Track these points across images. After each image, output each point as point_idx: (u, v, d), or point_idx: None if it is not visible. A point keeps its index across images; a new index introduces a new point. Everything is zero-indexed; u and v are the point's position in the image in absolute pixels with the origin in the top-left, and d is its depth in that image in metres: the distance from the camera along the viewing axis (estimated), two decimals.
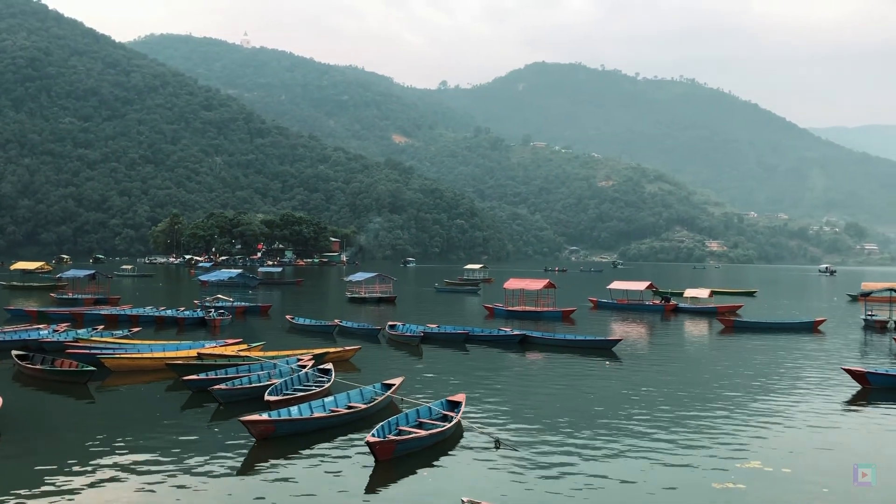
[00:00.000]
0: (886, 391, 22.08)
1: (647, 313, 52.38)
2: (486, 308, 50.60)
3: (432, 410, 17.11)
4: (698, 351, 34.25)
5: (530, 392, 21.96)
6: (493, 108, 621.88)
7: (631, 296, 58.40)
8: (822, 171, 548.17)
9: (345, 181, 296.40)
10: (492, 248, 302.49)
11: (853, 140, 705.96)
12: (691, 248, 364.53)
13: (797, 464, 14.40)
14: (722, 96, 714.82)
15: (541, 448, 15.24)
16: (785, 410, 19.55)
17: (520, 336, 33.12)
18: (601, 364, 27.55)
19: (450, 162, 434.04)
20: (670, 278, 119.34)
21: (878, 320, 43.70)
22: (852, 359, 29.43)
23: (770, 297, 77.96)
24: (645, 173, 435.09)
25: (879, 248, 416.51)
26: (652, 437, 16.34)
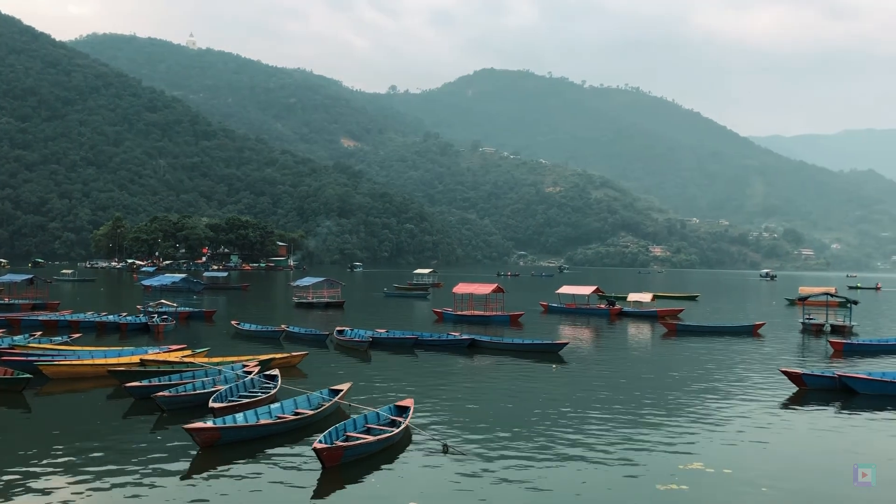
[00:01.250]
0: (822, 392, 22.81)
1: (594, 317, 53.23)
2: (436, 312, 50.65)
3: (380, 416, 17.08)
4: (642, 354, 34.86)
5: (479, 396, 22.06)
6: (443, 113, 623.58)
7: (578, 300, 59.24)
8: (762, 178, 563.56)
9: (292, 185, 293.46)
10: (441, 252, 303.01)
11: (790, 149, 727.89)
12: (636, 253, 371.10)
13: (738, 464, 14.78)
14: (665, 105, 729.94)
15: (489, 452, 15.34)
16: (725, 412, 20.06)
17: (469, 340, 33.26)
18: (548, 367, 27.85)
19: (399, 166, 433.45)
20: (616, 283, 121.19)
21: (814, 324, 45.09)
22: (790, 361, 30.31)
23: (711, 302, 79.80)
24: (591, 180, 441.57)
25: (815, 253, 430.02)
26: (598, 438, 16.60)
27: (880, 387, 22.65)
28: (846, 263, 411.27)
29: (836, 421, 19.48)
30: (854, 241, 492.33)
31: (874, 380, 23.09)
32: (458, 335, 34.65)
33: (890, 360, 31.18)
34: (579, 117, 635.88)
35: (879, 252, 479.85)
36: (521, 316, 48.43)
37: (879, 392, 22.35)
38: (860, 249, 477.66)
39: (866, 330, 45.20)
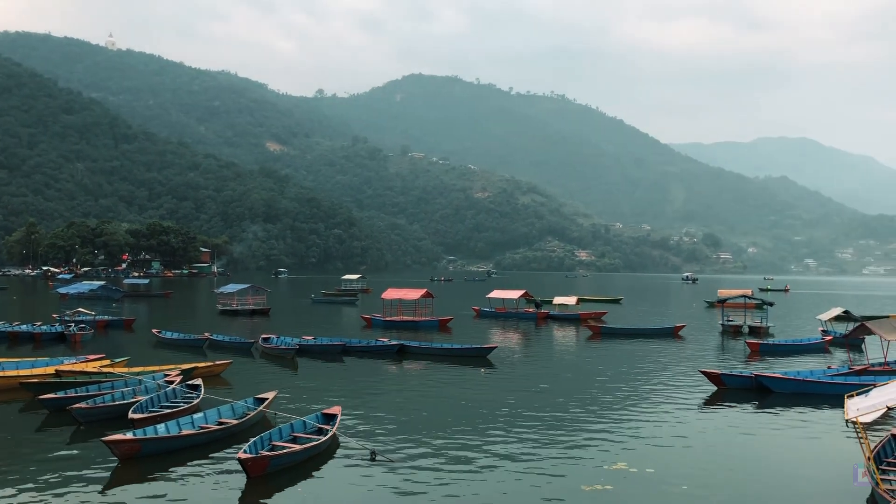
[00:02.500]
0: (739, 391, 23.66)
1: (523, 321, 53.91)
2: (364, 318, 50.41)
3: (307, 424, 16.90)
4: (568, 356, 35.48)
5: (407, 402, 22.05)
6: (371, 117, 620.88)
7: (508, 304, 59.92)
8: (682, 184, 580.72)
9: (216, 189, 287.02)
10: (370, 257, 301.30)
11: (709, 155, 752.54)
12: (562, 257, 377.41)
13: (660, 463, 15.19)
14: (590, 112, 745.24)
15: (417, 458, 15.35)
16: (648, 412, 20.61)
17: (397, 346, 33.21)
18: (477, 372, 28.05)
19: (327, 171, 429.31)
20: (544, 286, 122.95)
21: (733, 325, 46.76)
22: (709, 362, 31.32)
23: (635, 304, 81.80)
24: (519, 185, 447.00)
25: (733, 256, 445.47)
26: (526, 441, 16.81)
27: (794, 385, 23.65)
28: (762, 267, 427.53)
29: (753, 419, 20.22)
30: (769, 245, 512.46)
31: (788, 379, 24.11)
32: (386, 341, 34.55)
33: (803, 359, 32.57)
34: (507, 123, 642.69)
35: (793, 255, 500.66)
36: (450, 321, 48.62)
37: (793, 391, 23.32)
38: (775, 253, 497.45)
39: (782, 330, 47.08)
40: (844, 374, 25.75)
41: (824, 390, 23.15)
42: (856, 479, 13.27)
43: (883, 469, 13.92)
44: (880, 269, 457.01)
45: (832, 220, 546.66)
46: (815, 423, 19.52)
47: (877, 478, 12.47)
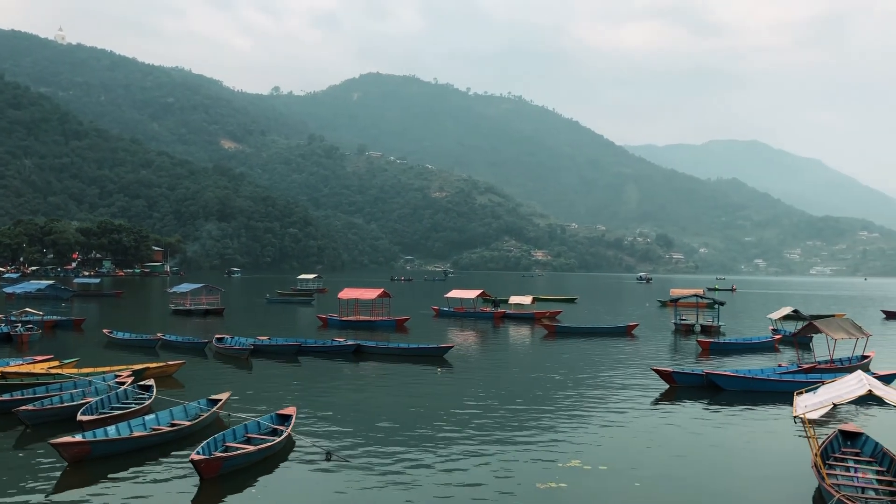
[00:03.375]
0: (690, 389, 24.09)
1: (480, 320, 54.15)
2: (320, 318, 50.05)
3: (261, 425, 16.74)
4: (523, 355, 35.72)
5: (363, 402, 21.97)
6: (328, 116, 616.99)
7: (466, 304, 60.14)
8: (636, 185, 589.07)
9: (169, 187, 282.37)
10: (326, 257, 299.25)
11: (662, 157, 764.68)
12: (519, 257, 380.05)
13: (613, 460, 15.38)
14: (546, 113, 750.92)
15: (373, 458, 15.31)
16: (601, 409, 20.86)
17: (353, 346, 33.05)
18: (433, 371, 28.06)
19: (283, 169, 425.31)
20: (501, 286, 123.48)
21: (685, 324, 47.59)
22: (662, 360, 31.81)
23: (589, 304, 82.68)
24: (476, 185, 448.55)
25: (685, 257, 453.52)
26: (481, 440, 16.88)
27: (743, 383, 24.17)
28: (713, 267, 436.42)
29: (704, 416, 20.59)
30: (720, 246, 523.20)
31: (737, 377, 24.63)
32: (342, 341, 34.35)
33: (754, 357, 33.28)
34: (464, 124, 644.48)
35: (743, 256, 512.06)
36: (406, 321, 48.56)
37: (742, 388, 23.82)
38: (725, 253, 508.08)
39: (733, 329, 48.04)
40: (793, 371, 26.34)
41: (773, 388, 23.70)
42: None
43: (829, 464, 14.32)
44: (827, 269, 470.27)
45: (781, 222, 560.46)
46: (765, 420, 19.95)
47: (822, 473, 12.81)
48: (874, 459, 14.73)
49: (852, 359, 29.11)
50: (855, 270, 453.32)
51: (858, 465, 14.48)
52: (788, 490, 13.66)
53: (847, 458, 14.93)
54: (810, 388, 15.53)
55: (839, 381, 14.73)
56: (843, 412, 19.81)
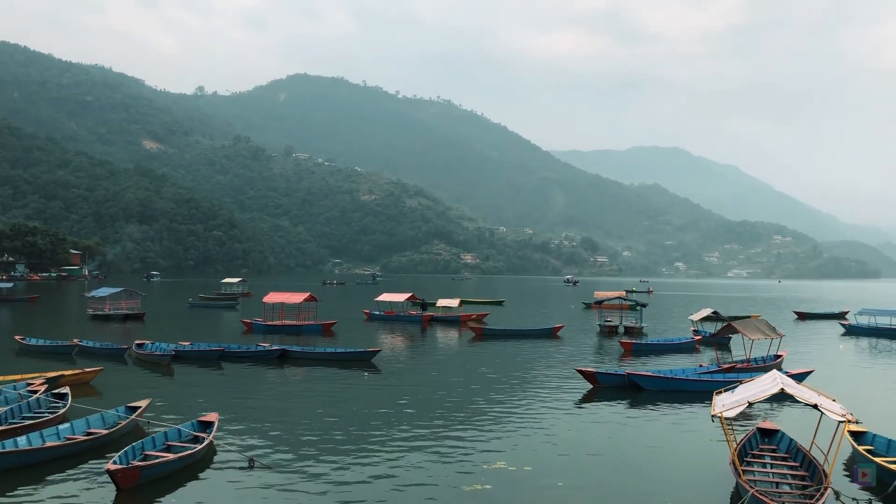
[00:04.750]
0: (613, 389, 24.62)
1: (409, 324, 54.06)
2: (245, 323, 49.06)
3: (182, 432, 16.32)
4: (450, 358, 35.84)
5: (288, 408, 21.66)
6: (254, 117, 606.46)
7: (395, 307, 60.01)
8: (562, 190, 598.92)
9: (88, 188, 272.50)
10: (252, 260, 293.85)
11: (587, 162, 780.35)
12: (448, 260, 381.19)
13: (537, 461, 15.58)
14: (475, 118, 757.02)
15: (297, 464, 15.12)
16: (526, 411, 21.12)
17: (279, 351, 32.55)
18: (360, 375, 27.90)
19: (207, 171, 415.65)
20: (430, 289, 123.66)
21: (609, 325, 48.67)
22: (585, 361, 32.40)
23: (517, 306, 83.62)
24: (406, 188, 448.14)
25: (609, 260, 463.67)
26: (407, 444, 16.86)
27: (664, 383, 24.83)
28: (636, 269, 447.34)
29: (626, 416, 21.07)
30: (642, 249, 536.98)
31: (657, 377, 25.30)
32: (267, 346, 33.79)
33: (675, 358, 34.22)
34: (394, 127, 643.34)
35: (664, 259, 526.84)
36: (334, 324, 48.10)
37: (662, 388, 24.47)
38: (648, 256, 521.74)
39: (656, 331, 49.32)
40: (713, 371, 27.21)
41: (693, 387, 24.41)
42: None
43: (747, 461, 14.85)
44: (743, 271, 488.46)
45: (700, 226, 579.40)
46: (685, 419, 20.52)
47: (739, 469, 13.25)
48: (789, 455, 15.34)
49: (766, 358, 30.25)
50: (769, 273, 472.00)
51: (774, 462, 15.05)
52: (708, 487, 14.07)
53: (764, 455, 15.50)
54: (728, 388, 16.04)
55: (755, 380, 15.26)
56: (768, 410, 20.55)
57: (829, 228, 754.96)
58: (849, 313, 63.96)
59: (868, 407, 21.28)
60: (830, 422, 12.99)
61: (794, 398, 13.05)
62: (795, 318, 65.97)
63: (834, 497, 12.82)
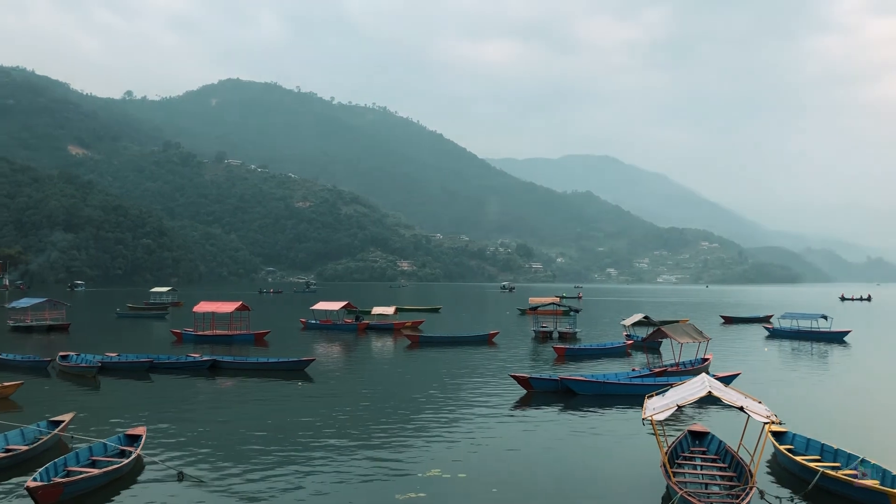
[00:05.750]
0: (547, 394, 24.89)
1: (344, 332, 53.66)
2: (174, 333, 47.92)
3: (108, 446, 15.81)
4: (385, 366, 35.70)
5: (219, 419, 21.21)
6: (185, 122, 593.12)
7: (331, 316, 59.50)
8: (498, 197, 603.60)
9: (9, 195, 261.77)
10: (182, 269, 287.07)
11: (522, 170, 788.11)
12: (384, 267, 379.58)
13: (471, 468, 15.63)
14: (411, 125, 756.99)
15: (228, 477, 14.81)
16: (461, 417, 21.18)
17: (209, 361, 31.86)
18: (293, 385, 27.53)
19: (136, 177, 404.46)
20: (367, 297, 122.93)
21: (543, 331, 49.22)
22: (520, 366, 32.67)
23: (453, 313, 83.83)
24: (341, 195, 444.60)
25: (544, 266, 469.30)
26: (341, 453, 16.71)
27: (596, 387, 25.22)
28: (569, 275, 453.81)
29: (559, 420, 21.32)
30: (575, 255, 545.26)
31: (590, 381, 25.68)
32: (198, 356, 33.06)
33: (606, 362, 34.80)
34: (329, 133, 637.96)
35: (596, 265, 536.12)
36: (266, 334, 47.36)
37: (596, 392, 24.85)
38: (580, 263, 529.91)
39: (590, 336, 50.09)
40: (644, 375, 27.77)
41: (625, 391, 24.88)
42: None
43: (678, 463, 15.19)
44: (672, 277, 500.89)
45: (631, 233, 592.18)
46: (618, 422, 20.88)
47: (669, 471, 13.54)
48: (718, 457, 15.77)
49: (694, 362, 31.04)
50: (697, 278, 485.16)
51: (704, 463, 15.45)
52: (640, 490, 14.32)
53: (695, 457, 15.90)
54: (659, 391, 16.40)
55: (685, 383, 15.63)
56: (701, 412, 21.05)
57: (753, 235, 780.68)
58: (772, 317, 66.24)
59: (791, 407, 22.06)
60: (757, 423, 13.38)
61: (721, 401, 13.41)
62: (722, 322, 67.95)
63: (759, 496, 13.20)
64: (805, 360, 38.14)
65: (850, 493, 13.37)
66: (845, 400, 26.24)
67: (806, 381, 30.36)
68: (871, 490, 13.02)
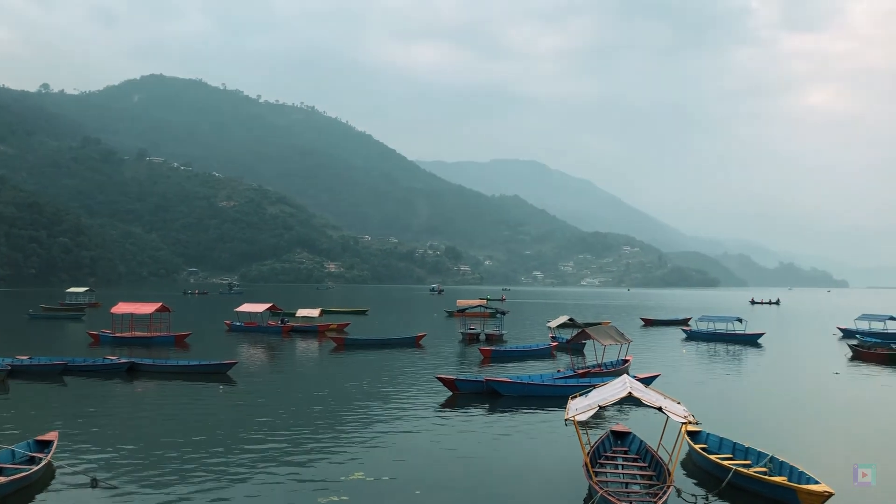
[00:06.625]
0: (472, 395, 25.04)
1: (268, 334, 52.85)
2: (91, 335, 46.28)
3: (16, 453, 15.14)
4: (310, 369, 35.32)
5: (136, 424, 20.60)
6: (105, 118, 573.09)
7: (255, 318, 58.42)
8: (427, 200, 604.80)
9: None
10: (101, 269, 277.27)
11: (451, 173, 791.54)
12: (311, 269, 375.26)
13: (395, 470, 15.60)
14: (339, 125, 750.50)
15: (144, 483, 14.39)
16: (386, 420, 21.13)
17: (127, 364, 30.87)
18: (215, 389, 26.96)
19: (52, 173, 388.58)
20: (293, 299, 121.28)
21: (470, 333, 49.50)
22: (447, 368, 32.78)
23: (381, 315, 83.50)
24: (267, 195, 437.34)
25: (472, 268, 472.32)
26: (262, 458, 16.42)
27: (520, 389, 25.50)
28: (496, 278, 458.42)
29: (484, 421, 21.48)
30: (503, 258, 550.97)
31: (514, 382, 25.95)
32: (115, 359, 31.99)
33: (531, 364, 35.25)
34: (255, 132, 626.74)
35: (523, 268, 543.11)
36: (187, 336, 46.20)
37: (520, 393, 25.11)
38: (508, 265, 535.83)
39: (517, 337, 50.64)
40: (569, 376, 28.20)
41: (549, 392, 25.21)
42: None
43: (600, 463, 15.48)
44: (595, 280, 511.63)
45: (556, 237, 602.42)
46: (542, 423, 21.15)
47: (591, 471, 13.79)
48: (639, 456, 16.14)
49: (616, 363, 31.73)
50: (619, 281, 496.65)
51: (626, 463, 15.79)
52: (562, 490, 14.52)
53: (617, 457, 16.23)
54: (583, 392, 16.69)
55: (608, 384, 15.95)
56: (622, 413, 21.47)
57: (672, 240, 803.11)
58: (690, 320, 68.26)
59: (707, 407, 22.73)
60: (676, 423, 13.74)
61: (642, 402, 13.72)
62: (642, 325, 69.70)
63: (676, 494, 13.57)
64: (721, 362, 39.46)
65: (760, 489, 13.89)
66: (758, 400, 27.27)
67: (721, 382, 31.40)
68: (779, 486, 13.55)
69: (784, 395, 27.98)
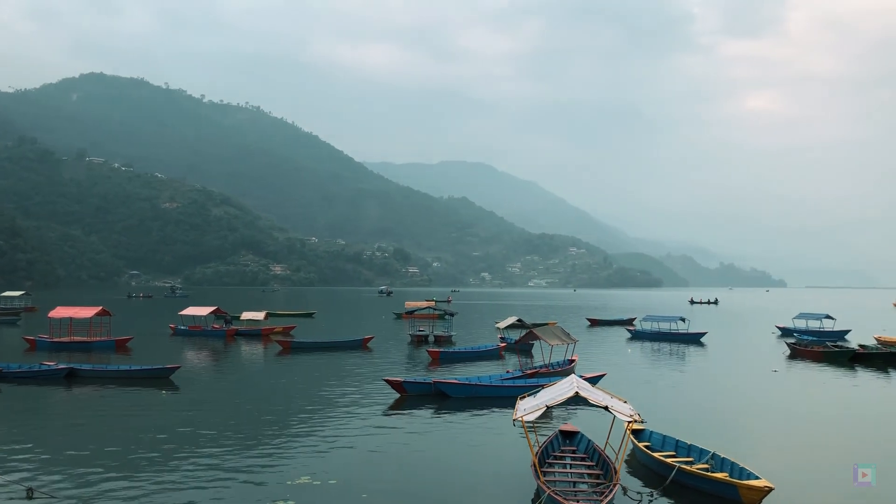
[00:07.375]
0: (420, 397, 25.00)
1: (212, 338, 51.98)
2: (27, 340, 44.84)
3: None
4: (256, 373, 34.83)
5: (75, 431, 19.99)
6: (41, 116, 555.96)
7: (199, 321, 57.37)
8: (375, 201, 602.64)
9: None
10: (38, 272, 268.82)
11: (399, 175, 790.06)
12: (257, 271, 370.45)
13: (343, 473, 15.46)
14: (286, 126, 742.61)
15: (83, 492, 13.96)
16: (333, 423, 20.95)
17: (65, 370, 29.98)
18: (157, 394, 26.36)
19: None
20: (239, 302, 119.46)
21: (419, 335, 49.47)
22: (395, 370, 32.65)
23: (328, 318, 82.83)
24: (211, 196, 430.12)
25: (420, 270, 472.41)
26: (205, 465, 16.12)
27: (469, 390, 25.57)
28: (445, 280, 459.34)
29: (432, 423, 21.46)
30: (451, 260, 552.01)
31: (463, 384, 26.01)
32: (53, 364, 31.02)
33: (480, 365, 35.35)
34: (198, 132, 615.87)
35: (471, 269, 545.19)
36: (129, 340, 45.12)
37: (468, 395, 25.18)
38: (456, 267, 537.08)
39: (466, 339, 50.75)
40: (517, 377, 28.36)
41: (497, 393, 25.32)
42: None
43: (549, 462, 15.58)
44: (542, 281, 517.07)
45: (504, 238, 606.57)
46: (490, 424, 21.22)
47: (539, 471, 13.86)
48: (587, 455, 16.30)
49: (562, 363, 32.04)
50: (566, 282, 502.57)
51: (574, 462, 15.93)
52: (511, 491, 14.57)
53: (565, 456, 16.36)
54: (531, 392, 16.78)
55: (555, 384, 16.07)
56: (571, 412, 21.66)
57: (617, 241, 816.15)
58: (635, 320, 69.43)
59: (652, 406, 23.12)
60: (623, 422, 13.89)
61: (588, 401, 13.85)
62: (588, 325, 70.61)
63: (622, 492, 13.74)
64: (665, 360, 40.21)
65: (703, 485, 14.16)
66: (700, 397, 27.85)
67: (665, 380, 31.97)
68: (721, 482, 13.84)
69: (725, 393, 28.63)
